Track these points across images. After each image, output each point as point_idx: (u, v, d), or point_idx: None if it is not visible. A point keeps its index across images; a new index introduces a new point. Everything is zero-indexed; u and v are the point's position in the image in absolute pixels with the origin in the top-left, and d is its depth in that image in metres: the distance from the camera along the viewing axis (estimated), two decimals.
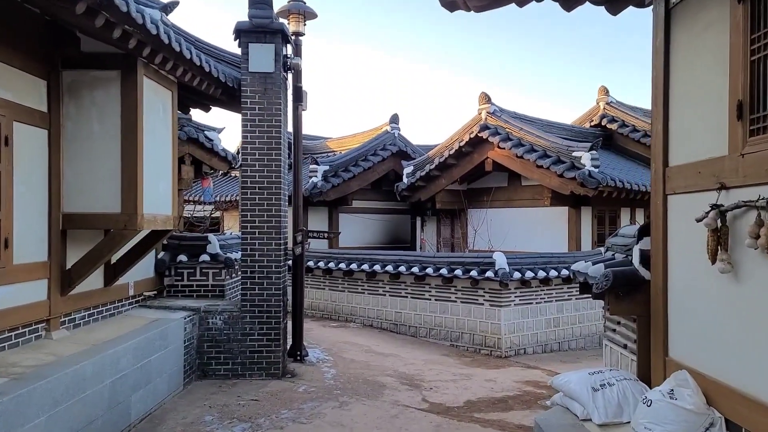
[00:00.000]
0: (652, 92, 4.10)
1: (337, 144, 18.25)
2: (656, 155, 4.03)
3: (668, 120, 3.92)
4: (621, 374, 4.17)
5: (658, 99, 4.01)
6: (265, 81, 7.91)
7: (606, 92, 17.20)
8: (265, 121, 7.92)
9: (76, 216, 5.96)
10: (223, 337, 7.79)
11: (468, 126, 14.44)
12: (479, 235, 14.79)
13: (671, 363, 3.86)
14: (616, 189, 12.51)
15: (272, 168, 7.96)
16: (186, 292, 8.56)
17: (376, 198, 17.32)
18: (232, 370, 7.78)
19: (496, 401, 7.44)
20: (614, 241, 4.85)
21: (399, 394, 7.47)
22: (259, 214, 7.92)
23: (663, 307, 3.94)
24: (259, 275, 7.86)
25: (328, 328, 12.04)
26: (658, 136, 4.00)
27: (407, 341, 11.13)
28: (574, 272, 4.83)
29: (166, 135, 6.92)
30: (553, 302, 11.34)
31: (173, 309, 7.72)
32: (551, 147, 12.94)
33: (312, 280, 13.37)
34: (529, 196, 14.34)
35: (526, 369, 9.55)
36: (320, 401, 6.95)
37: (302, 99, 8.94)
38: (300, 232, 8.92)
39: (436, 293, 11.28)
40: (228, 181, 17.65)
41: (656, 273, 4.03)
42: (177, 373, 7.11)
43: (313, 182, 14.74)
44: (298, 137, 9.09)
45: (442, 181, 15.27)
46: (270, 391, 7.26)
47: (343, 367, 8.60)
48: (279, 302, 7.89)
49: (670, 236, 3.93)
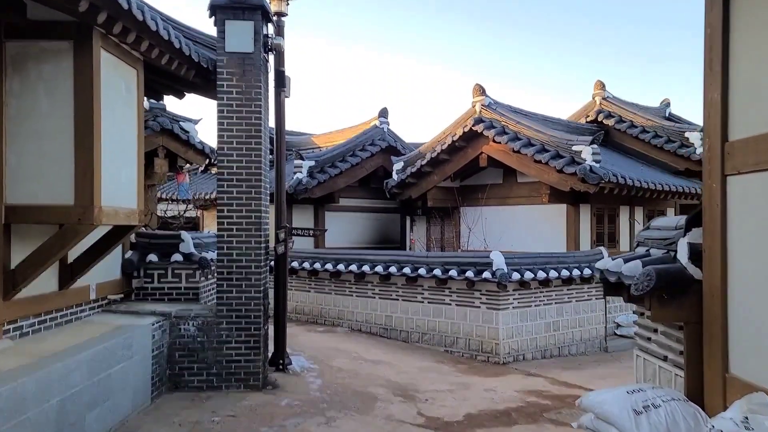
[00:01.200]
0: (705, 54, 3.41)
1: (324, 140, 17.54)
2: (711, 129, 3.34)
3: (728, 85, 3.24)
4: (667, 393, 3.47)
5: (713, 61, 3.32)
6: (243, 62, 7.19)
7: (602, 87, 16.64)
8: (243, 107, 7.20)
9: (21, 208, 5.17)
10: (196, 345, 7.10)
11: (461, 119, 13.77)
12: (474, 234, 14.13)
13: (734, 381, 3.16)
14: (617, 185, 11.91)
15: (252, 158, 7.24)
16: (156, 295, 7.83)
17: (365, 196, 16.76)
18: (206, 381, 7.10)
19: (498, 414, 6.89)
20: (649, 235, 4.17)
21: (392, 407, 6.88)
22: (237, 209, 7.20)
23: (721, 312, 3.24)
24: (237, 276, 7.16)
25: (313, 333, 11.47)
26: (714, 106, 3.30)
27: (399, 347, 10.60)
28: (601, 271, 4.14)
29: (130, 118, 6.16)
30: (553, 305, 10.78)
31: (141, 314, 6.97)
32: (550, 141, 12.31)
33: (296, 281, 12.82)
34: (526, 194, 13.72)
35: (527, 377, 9.03)
36: (304, 417, 6.30)
37: (285, 84, 8.24)
38: (283, 229, 8.21)
39: (430, 295, 10.70)
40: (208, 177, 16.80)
41: (711, 271, 3.34)
42: (143, 387, 6.38)
43: (297, 178, 14.02)
44: (280, 126, 8.36)
45: (434, 177, 14.60)
46: (249, 406, 6.60)
47: (330, 377, 7.99)
48: (259, 306, 7.22)
49: (730, 226, 3.23)
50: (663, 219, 4.22)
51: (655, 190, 12.88)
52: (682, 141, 14.67)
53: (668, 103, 18.37)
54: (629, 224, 14.21)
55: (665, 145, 14.94)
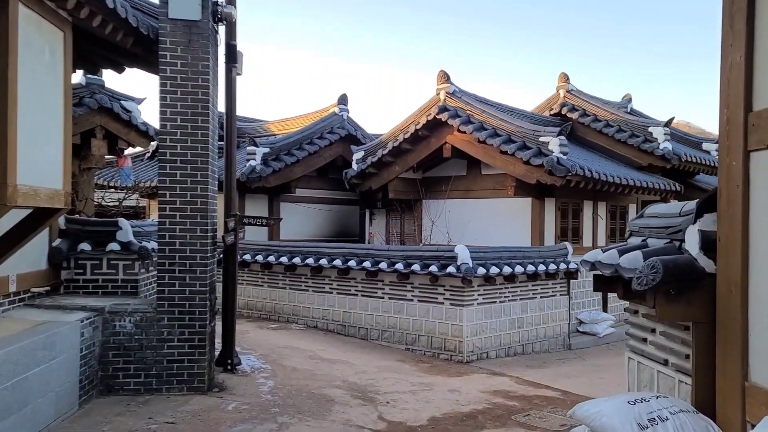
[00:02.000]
0: (724, 9, 2.93)
1: (280, 126, 16.76)
2: (731, 98, 2.85)
3: (753, 44, 2.76)
4: (674, 403, 2.99)
5: (735, 17, 2.83)
6: (189, 31, 6.52)
7: (566, 79, 16.34)
8: (189, 80, 6.53)
9: None
10: (134, 344, 6.44)
11: (425, 107, 13.24)
12: (437, 228, 13.64)
13: (755, 391, 2.69)
14: (583, 179, 11.57)
15: (198, 138, 6.58)
16: (89, 288, 7.12)
17: (322, 186, 16.15)
18: (144, 383, 6.45)
19: (464, 417, 6.51)
20: (644, 223, 3.69)
21: (351, 410, 6.39)
22: (180, 193, 6.54)
23: (741, 311, 2.77)
24: (180, 268, 6.52)
25: (266, 330, 10.91)
26: (736, 70, 2.82)
27: (357, 345, 10.13)
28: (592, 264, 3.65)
29: (54, 87, 5.43)
30: (518, 301, 10.46)
31: (69, 309, 6.24)
32: (516, 131, 11.90)
33: (248, 275, 12.20)
34: (491, 186, 13.29)
35: (491, 376, 8.71)
36: (254, 423, 5.74)
37: (237, 60, 7.58)
38: (233, 217, 7.56)
39: (391, 291, 10.21)
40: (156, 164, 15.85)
41: (728, 263, 2.87)
42: (70, 391, 5.69)
43: (251, 166, 13.29)
44: (231, 105, 7.69)
45: (395, 168, 14.04)
46: (191, 411, 5.99)
47: (283, 378, 7.46)
48: (205, 301, 6.60)
49: (753, 210, 2.76)
50: (660, 205, 3.75)
51: (620, 185, 12.63)
52: (646, 136, 14.46)
53: (630, 98, 18.24)
54: (593, 219, 13.96)
55: (629, 140, 14.72)
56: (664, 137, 14.21)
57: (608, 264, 3.44)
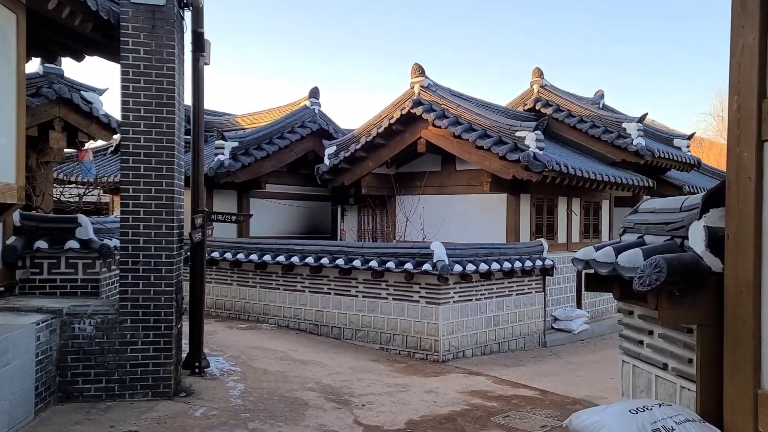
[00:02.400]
0: None
1: (249, 120, 16.32)
2: (742, 84, 2.66)
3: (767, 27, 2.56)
4: (678, 412, 2.79)
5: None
6: (153, 16, 6.14)
7: (540, 74, 16.24)
8: (153, 68, 6.16)
9: None
10: (94, 348, 6.06)
11: (399, 101, 12.98)
12: (411, 224, 13.40)
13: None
14: (560, 174, 11.46)
15: (163, 129, 6.22)
16: (46, 288, 6.72)
17: (293, 182, 15.78)
18: (106, 389, 6.08)
19: (442, 419, 6.31)
20: (640, 219, 3.49)
21: (325, 414, 6.13)
22: (144, 188, 6.18)
23: (753, 313, 2.58)
24: (144, 267, 6.15)
25: (235, 330, 10.59)
26: (748, 54, 2.62)
27: (330, 345, 9.88)
28: (585, 262, 3.44)
29: (5, 74, 5.04)
30: (494, 298, 10.31)
31: (23, 311, 5.84)
32: (492, 126, 11.72)
33: (217, 274, 11.86)
34: (466, 182, 13.11)
35: (468, 376, 8.55)
36: (223, 429, 5.45)
37: (204, 48, 7.24)
38: (200, 214, 7.22)
39: (365, 289, 9.97)
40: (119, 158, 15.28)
41: (738, 261, 2.68)
42: (24, 398, 5.32)
43: (219, 160, 12.87)
44: (199, 96, 7.35)
45: (369, 163, 13.76)
46: (156, 417, 5.67)
47: (254, 381, 7.16)
48: (171, 301, 6.26)
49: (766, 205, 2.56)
50: (658, 200, 3.56)
51: (594, 180, 12.56)
52: (620, 132, 14.44)
53: (602, 94, 18.28)
54: (567, 215, 13.88)
55: (603, 136, 14.68)
56: (638, 133, 14.20)
57: (605, 263, 3.23)
